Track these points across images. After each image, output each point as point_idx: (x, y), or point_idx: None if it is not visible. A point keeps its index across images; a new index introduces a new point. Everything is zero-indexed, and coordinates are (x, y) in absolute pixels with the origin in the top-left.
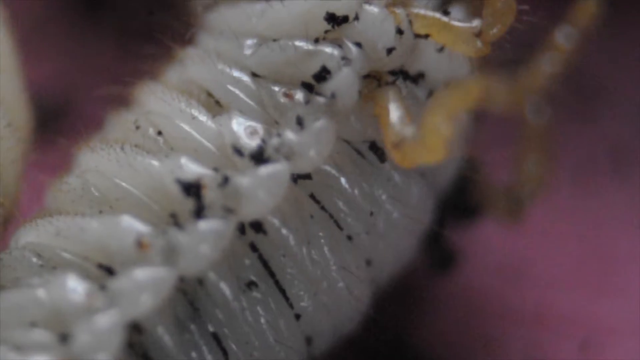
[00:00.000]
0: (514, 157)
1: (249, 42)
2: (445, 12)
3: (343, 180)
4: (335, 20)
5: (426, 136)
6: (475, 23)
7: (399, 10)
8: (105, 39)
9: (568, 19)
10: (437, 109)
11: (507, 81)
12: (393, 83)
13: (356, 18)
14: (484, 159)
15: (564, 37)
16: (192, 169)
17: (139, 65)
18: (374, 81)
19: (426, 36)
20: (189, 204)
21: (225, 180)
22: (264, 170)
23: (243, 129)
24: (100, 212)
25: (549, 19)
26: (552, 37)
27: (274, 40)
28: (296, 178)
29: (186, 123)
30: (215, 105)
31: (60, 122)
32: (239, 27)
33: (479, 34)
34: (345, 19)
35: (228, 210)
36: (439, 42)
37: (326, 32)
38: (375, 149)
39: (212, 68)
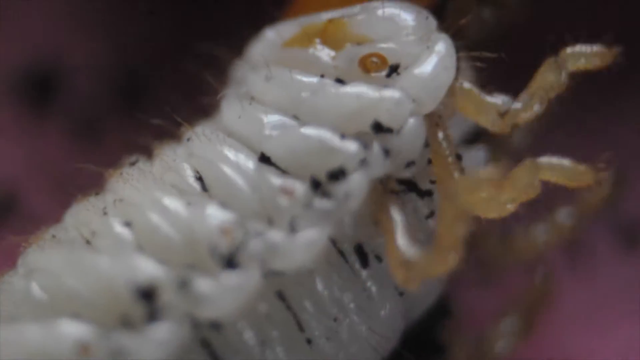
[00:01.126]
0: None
1: (275, 119)
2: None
3: (316, 280)
4: (379, 128)
5: (440, 238)
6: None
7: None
8: (57, 131)
9: (575, 201)
10: (449, 215)
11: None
12: (398, 193)
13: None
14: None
15: (565, 216)
16: (147, 269)
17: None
18: (379, 185)
19: None
20: (141, 307)
21: (185, 283)
22: (231, 277)
23: (217, 226)
24: (44, 315)
25: None
26: (553, 214)
27: (305, 123)
28: (267, 274)
29: (157, 214)
30: (200, 192)
31: (8, 218)
32: (281, 96)
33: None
34: (389, 130)
35: (185, 314)
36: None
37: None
38: (361, 252)
39: (214, 147)
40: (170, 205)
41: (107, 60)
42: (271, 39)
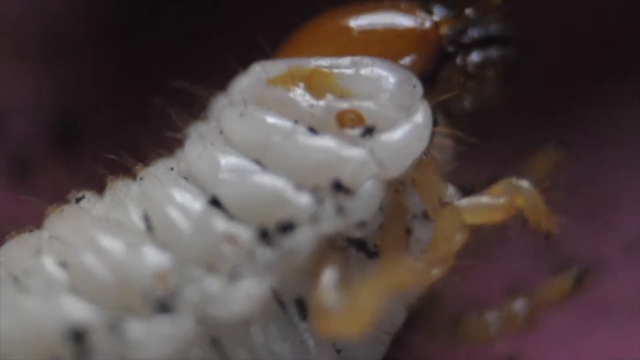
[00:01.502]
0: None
1: (233, 162)
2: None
3: (253, 328)
4: (338, 186)
5: (354, 303)
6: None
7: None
8: None
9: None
10: (374, 283)
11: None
12: (344, 249)
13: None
14: None
15: (521, 306)
16: (77, 310)
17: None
18: (326, 240)
19: None
20: (70, 349)
21: (116, 326)
22: (164, 322)
23: (153, 270)
24: None
25: None
26: (508, 304)
27: (265, 168)
28: (202, 320)
29: (92, 254)
30: (144, 232)
31: None
32: (250, 136)
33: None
34: (347, 190)
35: (116, 357)
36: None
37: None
38: (301, 305)
39: (163, 188)
40: (107, 246)
41: (44, 101)
42: (257, 74)
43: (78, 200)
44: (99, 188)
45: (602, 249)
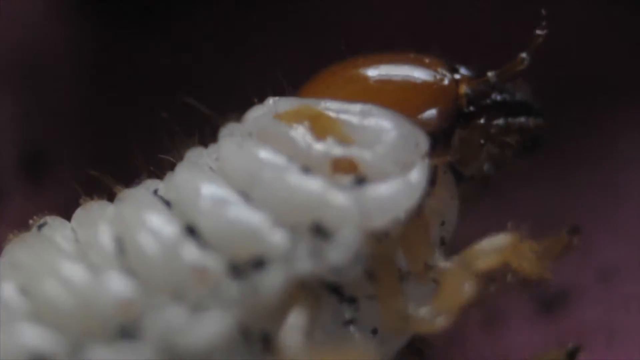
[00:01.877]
0: None
1: (213, 191)
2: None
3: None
4: (317, 229)
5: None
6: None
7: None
8: None
9: None
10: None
11: None
12: (317, 291)
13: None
14: None
15: None
16: (37, 338)
17: None
18: (298, 280)
19: None
20: None
21: (77, 353)
22: (124, 350)
23: (115, 297)
24: None
25: None
26: None
27: (248, 200)
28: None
29: (54, 279)
30: (113, 255)
31: None
32: (242, 168)
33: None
34: (325, 234)
35: None
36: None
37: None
38: (266, 339)
39: (138, 211)
40: (68, 271)
41: (12, 131)
42: (269, 107)
43: (40, 227)
44: (67, 215)
45: (577, 276)
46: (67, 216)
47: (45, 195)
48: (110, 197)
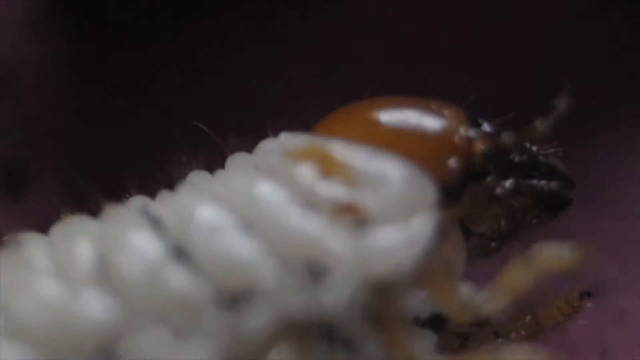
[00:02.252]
0: None
1: (210, 214)
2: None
3: None
4: (309, 269)
5: None
6: None
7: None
8: None
9: None
10: None
11: None
12: (305, 332)
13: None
14: None
15: None
16: (14, 355)
17: None
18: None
19: None
20: None
21: None
22: None
23: (92, 317)
24: None
25: None
26: None
27: (247, 227)
28: None
29: (28, 296)
30: (95, 272)
31: None
32: (242, 199)
33: None
34: (317, 275)
35: None
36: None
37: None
38: None
39: (124, 229)
40: (45, 289)
41: None
42: (280, 142)
43: (17, 242)
44: (46, 231)
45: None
46: (47, 232)
47: (23, 211)
48: (91, 214)
